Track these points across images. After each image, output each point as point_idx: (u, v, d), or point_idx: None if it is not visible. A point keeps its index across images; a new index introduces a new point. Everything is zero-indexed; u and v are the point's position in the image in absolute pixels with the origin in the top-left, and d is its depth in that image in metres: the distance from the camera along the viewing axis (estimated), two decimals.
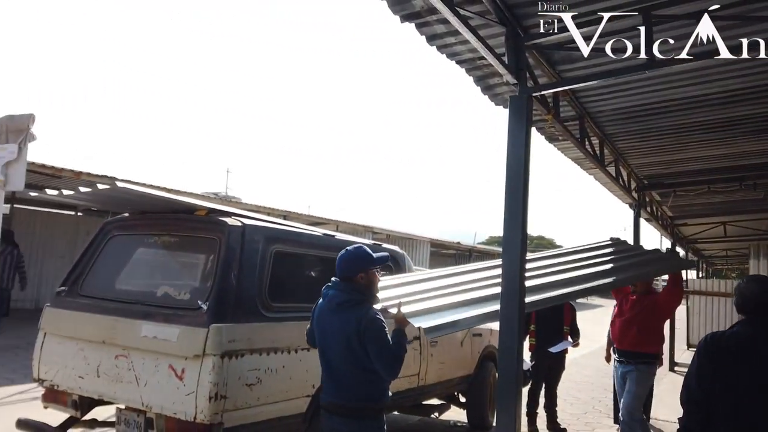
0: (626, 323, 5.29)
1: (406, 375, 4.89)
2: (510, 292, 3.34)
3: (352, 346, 2.85)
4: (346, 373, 2.89)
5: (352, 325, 2.85)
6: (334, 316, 2.94)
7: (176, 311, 3.53)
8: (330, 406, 2.93)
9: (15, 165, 4.80)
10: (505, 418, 3.44)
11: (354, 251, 3.04)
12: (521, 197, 3.34)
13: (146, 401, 3.38)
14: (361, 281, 2.97)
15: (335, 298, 2.96)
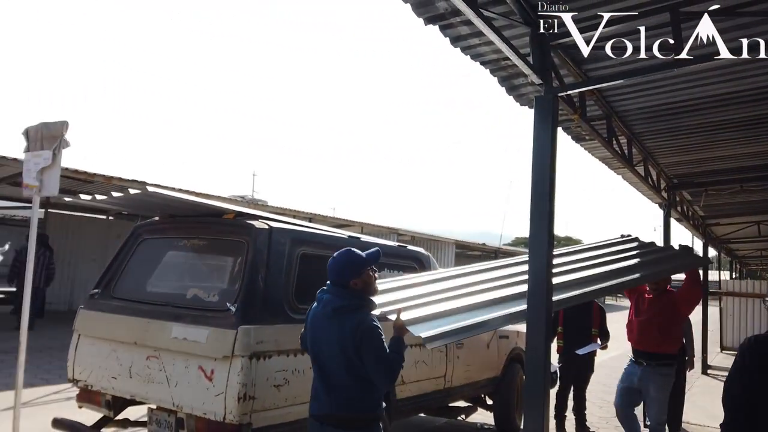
0: (646, 323, 5.11)
1: (432, 377, 4.90)
2: (537, 293, 3.31)
3: (347, 354, 2.74)
4: (340, 382, 2.78)
5: (348, 333, 2.74)
6: (329, 321, 2.82)
7: (205, 313, 3.59)
8: (322, 417, 2.82)
9: (50, 171, 4.94)
10: (532, 420, 3.41)
11: (343, 257, 2.89)
12: (547, 198, 3.31)
13: (177, 401, 3.44)
14: (356, 287, 2.85)
15: (330, 304, 2.83)
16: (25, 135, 5.18)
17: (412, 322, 3.05)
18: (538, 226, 3.38)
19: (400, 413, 4.65)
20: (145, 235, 4.27)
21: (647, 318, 5.12)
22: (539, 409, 3.38)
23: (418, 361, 4.70)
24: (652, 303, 5.16)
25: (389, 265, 4.95)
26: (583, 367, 6.13)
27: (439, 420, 6.48)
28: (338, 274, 2.87)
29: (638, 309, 5.27)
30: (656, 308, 5.10)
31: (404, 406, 4.59)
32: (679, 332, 5.23)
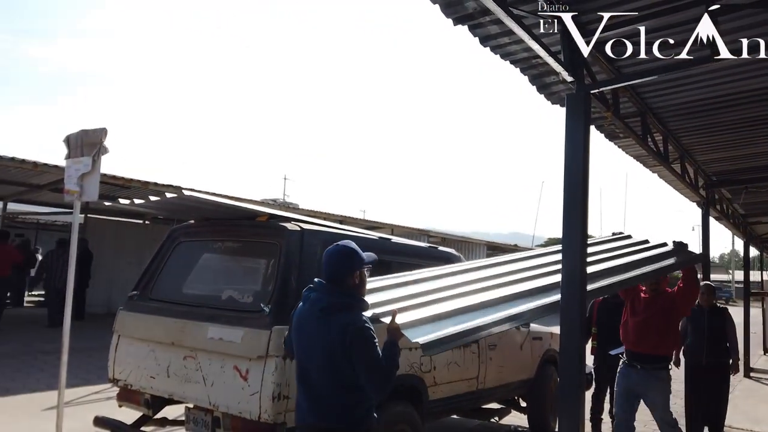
0: (643, 324, 4.89)
1: (464, 378, 4.88)
2: (571, 296, 3.26)
3: (335, 359, 2.49)
4: (327, 390, 2.52)
5: (338, 335, 2.48)
6: (316, 322, 2.56)
7: (240, 314, 3.65)
8: (305, 427, 2.59)
9: (89, 177, 5.10)
10: (567, 422, 3.37)
11: (344, 248, 2.63)
12: (580, 197, 3.27)
13: (213, 401, 3.50)
14: (352, 284, 2.60)
15: (319, 302, 2.56)
16: (66, 142, 5.36)
17: (408, 325, 2.81)
18: (572, 225, 3.33)
19: (432, 414, 4.64)
20: (181, 238, 4.36)
21: (644, 319, 4.91)
22: (574, 411, 3.33)
23: (450, 363, 4.68)
24: (649, 303, 4.96)
25: (420, 266, 4.95)
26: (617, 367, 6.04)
27: (473, 422, 6.44)
28: (336, 268, 2.60)
29: (634, 309, 5.03)
30: (654, 309, 4.90)
31: (436, 407, 4.58)
32: (676, 334, 5.09)
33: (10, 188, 14.17)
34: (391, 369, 2.55)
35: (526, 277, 3.92)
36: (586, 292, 3.31)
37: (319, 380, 2.54)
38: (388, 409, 4.01)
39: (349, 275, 2.58)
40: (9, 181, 13.25)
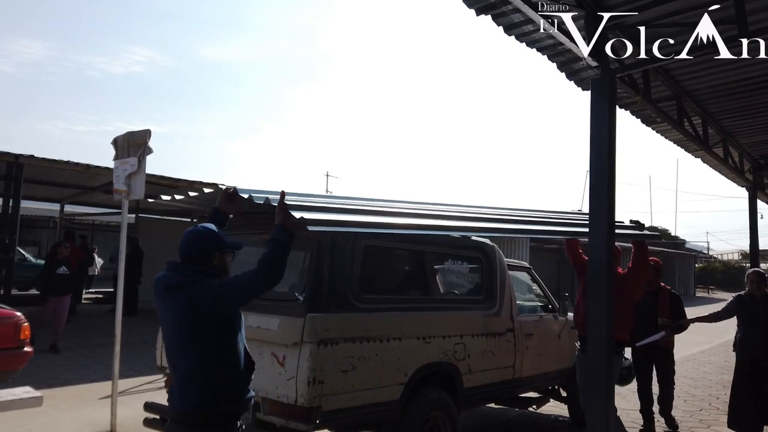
0: None
1: (500, 366, 4.91)
2: (598, 283, 3.26)
3: (185, 329, 2.31)
4: (185, 370, 2.32)
5: (184, 306, 2.28)
6: (162, 301, 2.39)
7: (276, 303, 3.80)
8: (173, 415, 2.38)
9: (136, 176, 5.38)
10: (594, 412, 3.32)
11: (202, 230, 2.51)
12: (606, 181, 3.26)
13: (253, 386, 3.65)
14: (213, 262, 2.46)
15: (163, 281, 2.38)
16: (114, 144, 5.65)
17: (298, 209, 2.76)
18: (598, 212, 3.32)
19: (468, 402, 4.70)
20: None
21: None
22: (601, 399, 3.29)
23: (485, 351, 4.72)
24: None
25: (452, 256, 5.01)
26: (655, 358, 5.70)
27: (512, 411, 6.46)
28: (187, 247, 2.44)
29: (585, 292, 4.66)
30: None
31: (472, 395, 4.63)
32: (629, 317, 4.78)
33: (67, 191, 14.92)
34: (273, 258, 2.37)
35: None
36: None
37: (179, 362, 2.37)
38: (424, 396, 4.10)
39: (202, 256, 2.42)
40: (65, 184, 13.95)
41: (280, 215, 2.49)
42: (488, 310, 4.88)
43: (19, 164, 9.16)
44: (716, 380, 8.69)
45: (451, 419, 4.32)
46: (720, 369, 9.37)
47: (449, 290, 5.02)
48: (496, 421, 6.33)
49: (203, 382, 2.29)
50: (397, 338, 3.94)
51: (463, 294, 5.09)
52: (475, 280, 5.07)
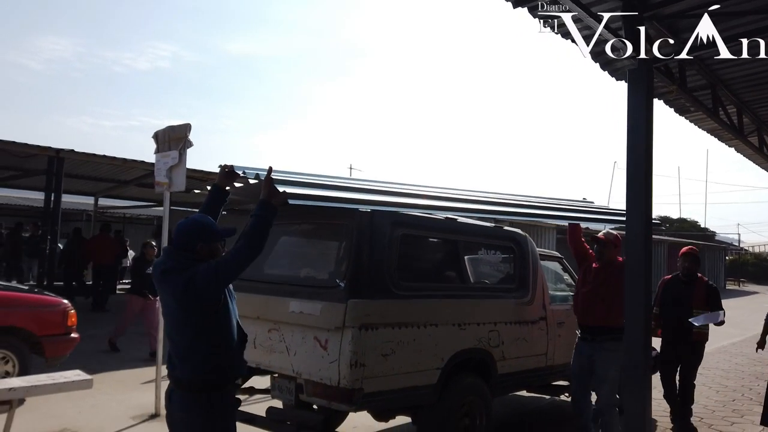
0: (590, 295, 4.75)
1: (533, 354, 4.99)
2: (636, 277, 3.27)
3: (182, 310, 2.57)
4: (183, 343, 2.62)
5: (178, 287, 2.53)
6: (159, 284, 2.65)
7: (318, 289, 3.94)
8: (173, 381, 2.69)
9: (177, 169, 5.55)
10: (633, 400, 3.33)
11: (194, 221, 2.73)
12: (643, 172, 3.30)
13: (296, 369, 3.81)
14: (201, 252, 2.64)
15: (160, 266, 2.64)
16: (155, 138, 5.84)
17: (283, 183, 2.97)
18: (635, 202, 3.34)
19: (501, 388, 4.79)
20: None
21: (591, 289, 4.78)
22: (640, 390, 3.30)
23: (518, 338, 4.80)
24: (598, 273, 4.81)
25: (486, 245, 5.09)
26: (686, 353, 5.51)
27: (543, 399, 6.53)
28: (180, 236, 2.67)
29: (584, 280, 4.90)
30: (601, 278, 4.74)
31: (505, 381, 4.72)
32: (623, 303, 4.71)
33: (101, 184, 15.32)
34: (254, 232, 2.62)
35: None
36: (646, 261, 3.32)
37: (177, 335, 2.65)
38: (460, 381, 4.21)
39: (193, 244, 2.63)
40: (100, 178, 14.33)
41: (265, 189, 2.73)
42: (521, 298, 4.96)
43: (59, 158, 9.47)
44: (749, 372, 8.63)
45: (486, 404, 4.42)
46: (753, 361, 9.29)
47: (483, 279, 5.11)
48: (528, 409, 6.41)
49: (201, 354, 2.58)
50: (434, 324, 4.04)
51: (496, 283, 5.17)
52: (508, 269, 5.15)
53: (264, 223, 2.69)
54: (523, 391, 5.80)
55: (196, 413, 2.60)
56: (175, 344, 2.68)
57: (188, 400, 2.61)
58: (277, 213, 2.77)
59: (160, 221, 21.57)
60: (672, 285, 5.67)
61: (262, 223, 2.68)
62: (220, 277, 2.54)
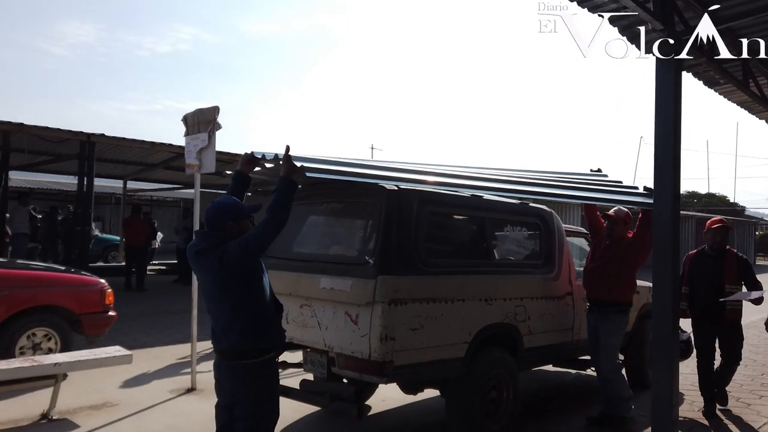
0: (597, 271, 5.01)
1: (559, 328, 5.04)
2: (663, 249, 3.27)
3: (219, 286, 2.80)
4: (225, 317, 2.85)
5: (212, 264, 2.75)
6: (195, 263, 2.89)
7: (347, 266, 4.04)
8: (219, 352, 2.93)
9: (206, 151, 5.68)
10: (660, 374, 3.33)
11: (222, 202, 2.95)
12: (672, 147, 3.28)
13: (328, 343, 3.93)
14: (231, 230, 2.86)
15: (194, 247, 2.88)
16: (184, 121, 5.96)
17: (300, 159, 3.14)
18: (663, 178, 3.32)
19: (528, 362, 4.87)
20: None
21: (599, 265, 5.02)
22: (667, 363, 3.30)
23: (545, 313, 4.86)
24: (606, 250, 5.04)
25: (512, 222, 5.12)
26: (725, 332, 5.17)
27: (569, 373, 6.59)
28: (211, 217, 2.88)
29: (594, 255, 5.15)
30: (608, 255, 4.98)
31: (532, 355, 4.79)
32: (632, 280, 5.03)
33: (130, 168, 15.61)
34: (277, 207, 2.81)
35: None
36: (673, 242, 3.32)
37: (215, 310, 2.88)
38: (487, 355, 4.29)
39: (220, 226, 2.86)
40: (128, 161, 14.61)
41: (285, 166, 2.95)
42: (547, 274, 5.00)
43: (90, 143, 9.70)
44: None
45: (513, 377, 4.50)
46: None
47: (509, 255, 5.16)
48: (553, 383, 6.49)
49: (241, 326, 2.80)
50: (461, 300, 4.12)
51: (522, 259, 5.21)
52: (535, 245, 5.19)
53: (285, 197, 2.88)
54: (548, 366, 5.88)
55: (242, 380, 2.85)
56: (216, 319, 2.89)
57: (234, 368, 2.86)
58: (297, 187, 2.98)
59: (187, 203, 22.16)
60: (699, 261, 5.38)
61: (283, 197, 2.87)
62: (250, 249, 2.73)
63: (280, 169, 3.00)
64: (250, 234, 2.78)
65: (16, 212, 12.19)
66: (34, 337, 5.82)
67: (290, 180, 2.93)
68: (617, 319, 4.88)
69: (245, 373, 2.84)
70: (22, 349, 5.71)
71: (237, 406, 2.92)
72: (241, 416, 2.90)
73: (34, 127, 9.11)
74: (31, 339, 5.80)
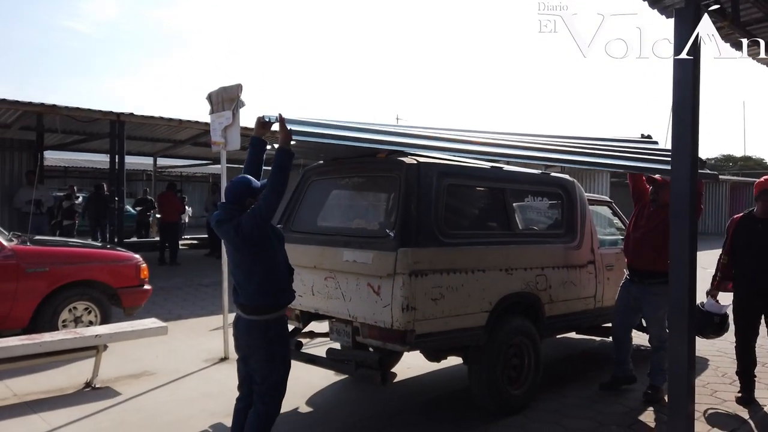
0: (640, 239, 4.81)
1: (581, 297, 5.10)
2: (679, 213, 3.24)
3: (238, 250, 3.20)
4: (244, 276, 3.23)
5: (232, 232, 3.15)
6: (218, 232, 3.27)
7: (369, 239, 4.15)
8: (240, 306, 3.30)
9: (231, 129, 5.80)
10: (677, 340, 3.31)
11: (240, 180, 3.28)
12: (690, 117, 3.22)
13: (352, 313, 4.07)
14: (250, 205, 3.21)
15: (216, 218, 3.26)
16: (209, 99, 6.08)
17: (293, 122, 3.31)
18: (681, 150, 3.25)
19: (551, 330, 4.95)
20: (313, 177, 4.91)
21: (642, 233, 4.82)
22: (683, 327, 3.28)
23: (566, 282, 4.92)
24: (650, 217, 4.83)
25: (533, 192, 5.15)
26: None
27: (593, 341, 6.66)
28: (231, 193, 3.25)
29: (637, 223, 4.95)
30: (653, 223, 4.76)
31: (554, 323, 4.87)
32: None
33: (159, 145, 15.92)
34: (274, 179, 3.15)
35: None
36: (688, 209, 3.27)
37: (235, 271, 3.29)
38: (508, 323, 4.39)
39: (243, 199, 3.21)
40: (157, 139, 14.89)
41: (281, 134, 3.25)
42: (569, 243, 5.04)
43: (120, 122, 9.94)
44: None
45: (534, 345, 4.60)
46: None
47: (531, 225, 5.20)
48: (577, 351, 6.57)
49: (257, 283, 3.20)
50: (481, 270, 4.20)
51: (544, 228, 5.26)
52: (556, 215, 5.21)
53: (281, 168, 3.20)
54: (572, 333, 5.95)
55: (256, 334, 3.24)
56: (237, 277, 3.29)
57: (250, 323, 3.25)
58: (293, 155, 3.28)
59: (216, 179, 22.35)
60: (746, 226, 4.79)
61: (278, 168, 3.20)
62: (258, 219, 3.12)
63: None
64: (257, 206, 3.15)
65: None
66: (75, 311, 6.12)
67: (285, 150, 3.24)
68: (661, 290, 4.39)
69: (259, 327, 3.22)
70: (64, 322, 6.03)
71: (252, 359, 3.29)
72: (257, 368, 3.27)
73: (66, 108, 9.36)
74: (72, 312, 6.11)
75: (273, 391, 3.28)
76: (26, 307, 5.81)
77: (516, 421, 4.30)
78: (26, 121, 11.69)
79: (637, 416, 4.52)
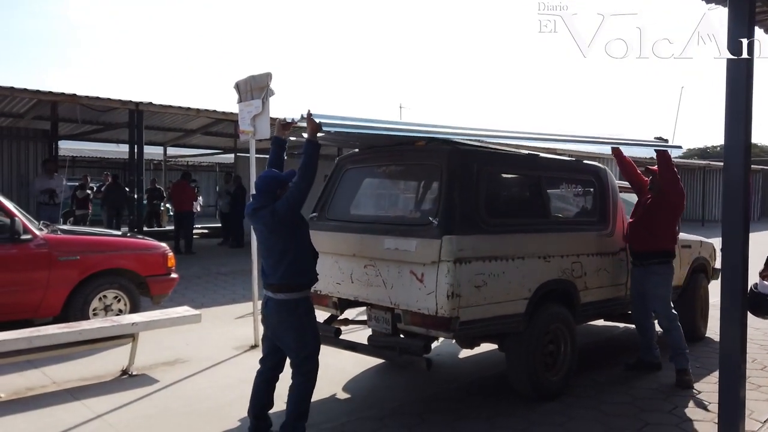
0: (635, 224, 5.13)
1: (613, 284, 5.12)
2: (733, 203, 3.24)
3: (271, 234, 3.52)
4: (275, 259, 3.53)
5: (267, 217, 3.49)
6: (252, 219, 3.63)
7: (411, 227, 4.16)
8: (268, 286, 3.60)
9: (260, 117, 5.78)
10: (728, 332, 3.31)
11: (268, 174, 3.65)
12: (743, 106, 3.22)
13: (394, 300, 4.09)
14: (279, 195, 3.54)
15: (251, 206, 3.62)
16: (236, 88, 6.05)
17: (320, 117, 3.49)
18: (734, 139, 3.24)
19: (584, 317, 4.98)
20: (348, 165, 4.91)
21: (637, 218, 5.14)
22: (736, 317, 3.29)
23: (600, 269, 4.93)
24: (644, 204, 5.14)
25: (567, 179, 5.16)
26: None
27: (617, 327, 6.69)
28: (261, 185, 3.60)
29: (635, 212, 5.26)
30: (646, 209, 5.08)
31: (587, 310, 4.90)
32: (669, 229, 5.08)
33: (170, 134, 15.93)
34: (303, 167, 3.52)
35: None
36: None
37: (266, 253, 3.60)
38: (546, 310, 4.41)
39: (274, 190, 3.56)
40: (168, 128, 14.89)
41: (308, 127, 3.54)
42: (602, 230, 5.05)
43: (139, 111, 9.92)
44: None
45: (570, 331, 4.62)
46: None
47: (565, 212, 5.21)
48: (604, 337, 6.60)
49: (286, 265, 3.52)
50: (521, 257, 4.22)
51: (578, 216, 5.26)
52: (589, 202, 5.22)
53: (309, 158, 3.55)
54: (597, 321, 5.97)
55: (286, 312, 3.56)
56: (267, 260, 3.60)
57: (281, 303, 3.55)
58: (319, 147, 3.60)
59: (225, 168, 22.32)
60: None
61: (307, 158, 3.55)
62: (291, 204, 3.48)
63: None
64: (289, 193, 3.52)
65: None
66: (105, 299, 6.16)
67: (313, 142, 3.56)
68: (660, 270, 4.99)
69: (289, 305, 3.54)
70: (94, 310, 6.06)
71: (285, 336, 3.59)
72: (290, 343, 3.59)
73: (85, 98, 9.36)
74: (102, 301, 6.14)
75: (308, 362, 3.58)
76: (58, 296, 5.85)
77: (553, 407, 4.34)
78: (40, 111, 11.69)
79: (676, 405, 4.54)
